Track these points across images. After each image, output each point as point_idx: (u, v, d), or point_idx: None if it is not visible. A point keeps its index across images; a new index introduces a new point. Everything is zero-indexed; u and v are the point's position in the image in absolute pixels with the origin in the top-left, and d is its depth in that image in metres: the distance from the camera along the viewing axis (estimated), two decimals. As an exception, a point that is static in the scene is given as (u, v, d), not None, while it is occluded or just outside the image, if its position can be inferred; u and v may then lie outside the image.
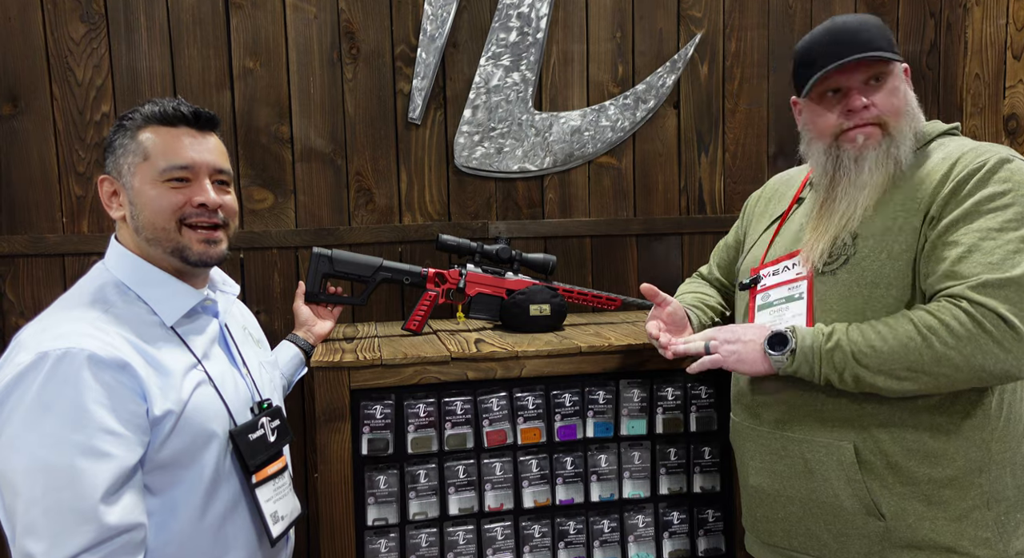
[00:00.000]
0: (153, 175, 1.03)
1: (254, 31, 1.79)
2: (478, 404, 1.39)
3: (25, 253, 1.72)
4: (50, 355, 0.90)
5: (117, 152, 1.05)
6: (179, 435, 0.98)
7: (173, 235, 1.04)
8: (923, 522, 1.09)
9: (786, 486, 1.18)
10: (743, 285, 1.29)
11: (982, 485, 1.09)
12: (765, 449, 1.21)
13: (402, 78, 1.85)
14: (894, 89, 1.14)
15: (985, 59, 1.90)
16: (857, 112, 1.14)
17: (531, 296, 1.59)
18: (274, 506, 1.11)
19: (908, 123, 1.14)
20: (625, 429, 1.44)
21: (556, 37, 1.91)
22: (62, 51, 1.72)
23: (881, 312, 1.10)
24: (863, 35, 1.13)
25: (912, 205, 1.11)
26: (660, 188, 1.99)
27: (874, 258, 1.11)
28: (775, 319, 1.20)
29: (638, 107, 1.95)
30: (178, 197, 1.03)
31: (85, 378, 0.90)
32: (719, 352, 1.17)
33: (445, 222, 1.89)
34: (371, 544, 1.36)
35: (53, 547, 0.86)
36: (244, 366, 1.15)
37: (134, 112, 1.06)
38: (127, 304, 1.02)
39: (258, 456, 1.08)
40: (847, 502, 1.12)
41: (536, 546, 1.42)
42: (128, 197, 1.04)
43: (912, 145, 1.14)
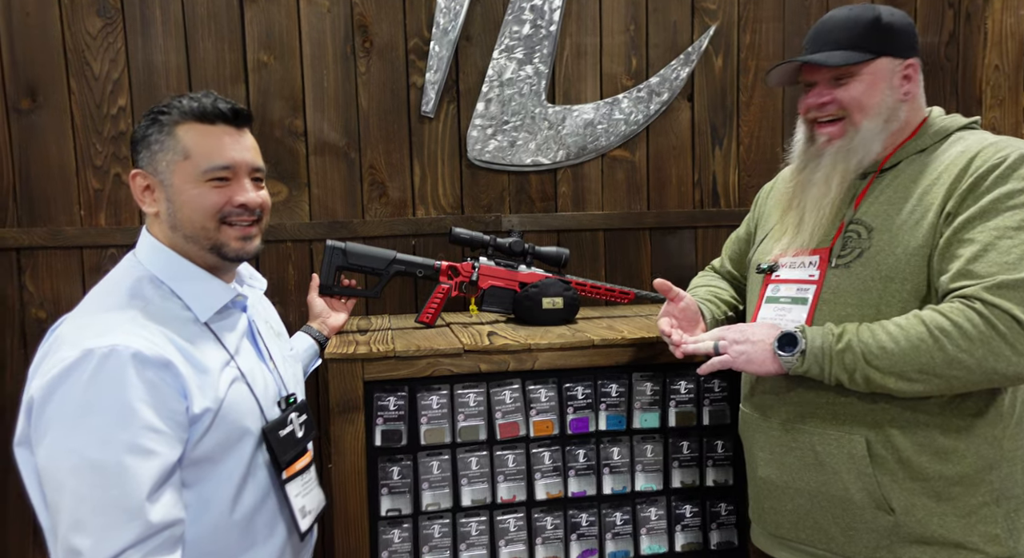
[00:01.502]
0: (195, 174, 1.02)
1: (268, 25, 1.80)
2: (491, 396, 1.39)
3: (44, 245, 1.75)
4: (95, 352, 0.89)
5: (153, 148, 1.03)
6: (215, 432, 0.98)
7: (212, 233, 1.04)
8: (932, 517, 1.09)
9: (795, 478, 1.18)
10: (760, 269, 1.28)
11: (992, 482, 1.08)
12: (774, 441, 1.21)
13: (415, 71, 1.85)
14: (864, 86, 1.14)
15: (1005, 50, 1.88)
16: (817, 108, 1.19)
17: (544, 289, 1.59)
18: (302, 501, 1.11)
19: (876, 120, 1.14)
20: (638, 422, 1.44)
21: (569, 30, 1.90)
22: (79, 45, 1.73)
23: (896, 306, 1.09)
24: (843, 31, 1.15)
25: (929, 199, 1.10)
26: (674, 181, 1.99)
27: (889, 252, 1.10)
28: (777, 317, 1.21)
29: (652, 100, 1.94)
30: (220, 197, 1.03)
31: (130, 376, 0.90)
32: (728, 352, 1.16)
33: (458, 215, 1.89)
34: (385, 534, 1.37)
35: (99, 543, 0.87)
36: (271, 360, 1.15)
37: (169, 107, 1.04)
38: (162, 299, 1.02)
39: (288, 452, 1.09)
40: (856, 496, 1.12)
41: (548, 538, 1.42)
42: (166, 194, 1.03)
43: (880, 144, 1.15)
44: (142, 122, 1.06)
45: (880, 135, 1.15)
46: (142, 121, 1.06)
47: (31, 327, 1.76)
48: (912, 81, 1.16)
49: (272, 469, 1.08)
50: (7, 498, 1.76)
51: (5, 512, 1.76)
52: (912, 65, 1.17)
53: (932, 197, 1.09)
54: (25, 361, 1.76)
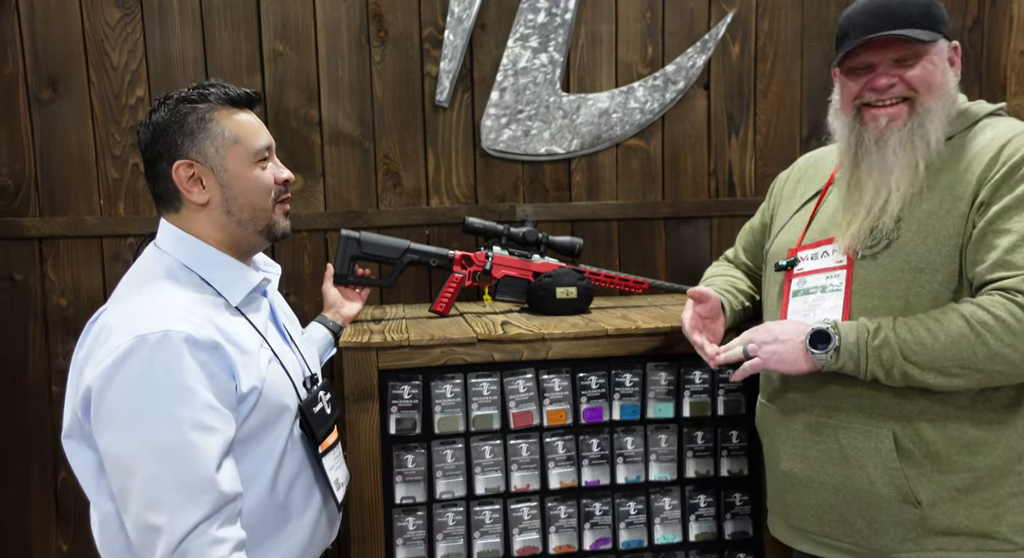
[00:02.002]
0: (248, 157, 1.06)
1: (284, 14, 1.80)
2: (504, 386, 1.39)
3: (65, 235, 1.77)
4: (148, 338, 0.92)
5: (197, 136, 1.03)
6: (259, 410, 1.01)
7: (268, 213, 1.08)
8: (959, 509, 1.08)
9: (819, 472, 1.17)
10: (779, 266, 1.25)
11: (1021, 473, 1.08)
12: (797, 435, 1.20)
13: (430, 60, 1.85)
14: (929, 67, 1.10)
15: (1031, 35, 1.84)
16: (881, 91, 1.12)
17: (558, 279, 1.58)
18: (336, 474, 1.15)
19: (942, 102, 1.10)
20: (652, 412, 1.44)
21: (585, 17, 1.89)
22: (98, 36, 1.75)
23: (925, 298, 1.07)
24: (902, 11, 1.09)
25: (959, 189, 1.07)
26: (689, 171, 1.97)
27: (919, 242, 1.08)
28: (810, 309, 1.18)
29: (667, 89, 1.92)
30: (270, 174, 1.09)
31: (185, 359, 0.92)
32: (759, 355, 1.13)
33: (472, 205, 1.89)
34: (399, 522, 1.38)
35: (176, 518, 0.90)
36: (293, 342, 1.19)
37: (201, 95, 1.05)
38: (196, 286, 1.04)
39: (321, 427, 1.12)
40: (883, 490, 1.11)
41: (562, 527, 1.43)
42: (219, 180, 1.05)
43: (944, 127, 1.11)
44: (162, 112, 1.05)
45: (945, 118, 1.11)
46: (160, 112, 1.05)
47: (53, 315, 1.79)
48: (955, 65, 1.14)
49: (307, 444, 1.11)
50: (29, 485, 1.80)
51: (28, 498, 1.80)
52: (957, 48, 1.14)
53: (963, 186, 1.07)
54: (47, 349, 1.79)
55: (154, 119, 1.05)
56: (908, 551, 1.11)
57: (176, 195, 1.06)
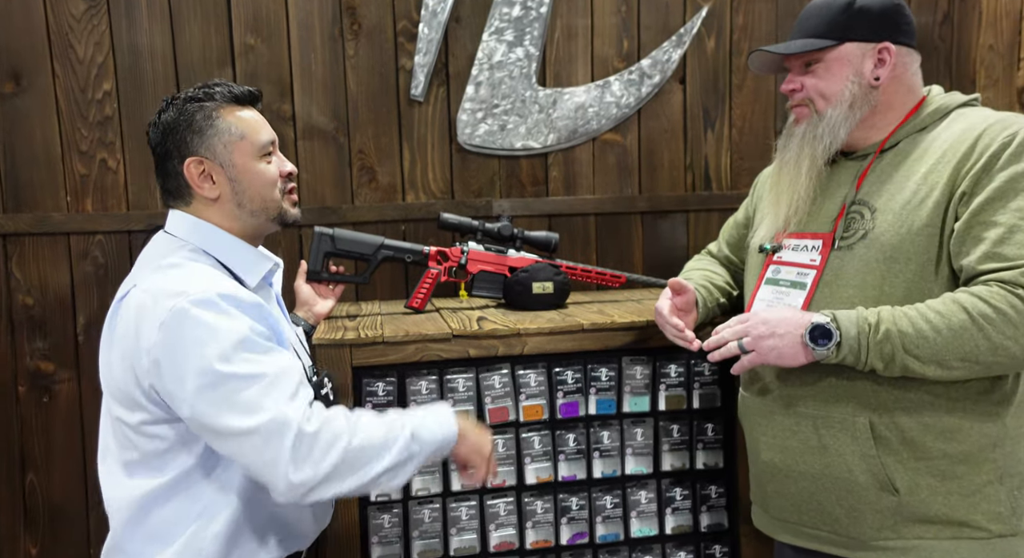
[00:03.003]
0: (254, 152, 1.10)
1: (254, 7, 1.77)
2: (480, 381, 1.39)
3: (30, 232, 1.73)
4: (198, 298, 0.97)
5: (206, 133, 1.08)
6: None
7: (278, 202, 1.13)
8: (936, 496, 1.09)
9: (798, 462, 1.18)
10: (763, 248, 1.27)
11: (996, 460, 1.08)
12: (777, 425, 1.20)
13: (404, 54, 1.83)
14: (827, 73, 1.15)
15: (999, 30, 1.86)
16: (787, 93, 1.22)
17: (534, 274, 1.58)
18: None
19: (839, 110, 1.15)
20: (628, 406, 1.44)
21: (560, 11, 1.88)
22: (63, 28, 1.71)
23: (899, 287, 1.08)
24: (814, 17, 1.17)
25: (933, 177, 1.08)
26: (666, 165, 1.97)
27: (893, 232, 1.09)
28: (775, 299, 1.21)
29: (643, 83, 1.92)
30: (275, 169, 1.13)
31: (238, 312, 1.00)
32: (757, 349, 1.11)
33: (448, 200, 1.88)
34: (374, 519, 1.37)
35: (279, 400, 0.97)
36: (294, 332, 1.22)
37: (206, 94, 1.09)
38: (214, 266, 1.08)
39: None
40: (860, 477, 1.12)
41: (539, 522, 1.43)
42: (229, 174, 1.09)
43: (843, 131, 1.16)
44: (170, 112, 1.09)
45: (845, 122, 1.15)
46: (169, 111, 1.09)
47: (19, 314, 1.75)
48: (885, 65, 1.14)
49: None
50: (-1, 485, 1.76)
51: (-3, 499, 1.76)
52: (885, 48, 1.14)
53: (937, 175, 1.08)
54: (13, 349, 1.75)
55: (163, 119, 1.09)
56: (886, 539, 1.12)
57: (188, 190, 1.10)
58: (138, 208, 1.77)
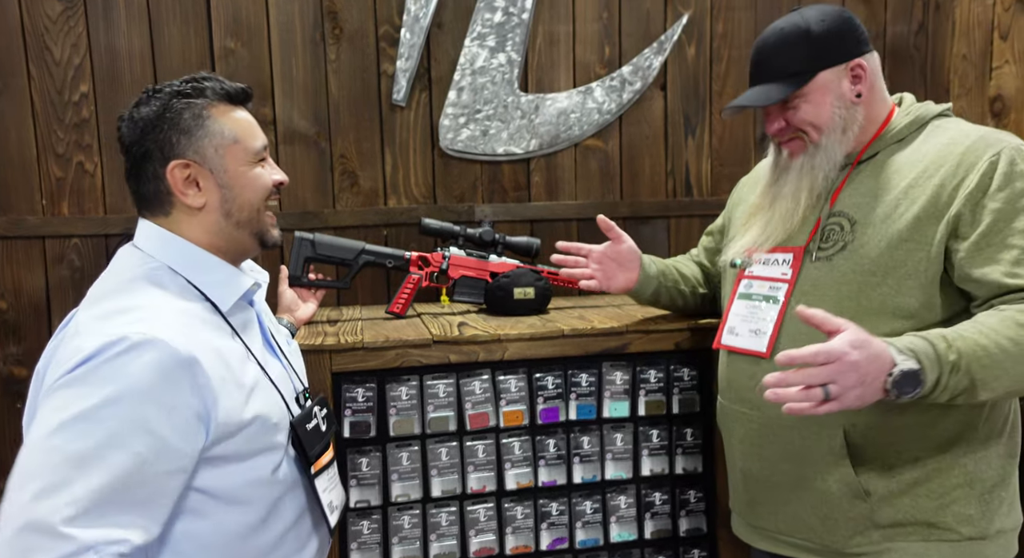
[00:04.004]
0: (247, 157, 1.00)
1: (235, 10, 1.76)
2: (460, 387, 1.39)
3: (4, 235, 1.71)
4: (116, 344, 0.83)
5: (195, 134, 0.96)
6: (244, 429, 0.92)
7: (260, 216, 1.02)
8: (905, 499, 1.10)
9: (774, 471, 1.18)
10: (733, 263, 1.28)
11: (966, 465, 1.10)
12: (753, 433, 1.20)
13: (386, 59, 1.83)
14: (812, 106, 1.14)
15: (972, 40, 1.89)
16: (774, 134, 1.21)
17: (515, 279, 1.58)
18: (330, 496, 1.06)
19: (834, 136, 1.15)
20: (608, 411, 1.44)
21: (542, 17, 1.89)
22: (38, 30, 1.69)
23: (875, 301, 1.08)
24: (774, 61, 1.16)
25: (915, 193, 1.08)
26: (647, 171, 1.98)
27: (873, 245, 1.09)
28: (749, 314, 1.21)
29: (625, 89, 1.93)
30: (269, 177, 1.03)
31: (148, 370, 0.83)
32: (842, 399, 0.94)
33: (431, 205, 1.88)
34: (353, 526, 1.36)
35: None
36: (282, 354, 1.10)
37: (196, 90, 0.98)
38: (181, 290, 0.96)
39: (315, 446, 1.03)
40: (834, 487, 1.12)
41: (519, 527, 1.43)
42: (219, 180, 0.98)
43: (841, 152, 1.15)
44: (151, 106, 0.96)
45: (841, 145, 1.16)
46: (150, 105, 0.96)
47: (-8, 319, 1.72)
48: (863, 80, 1.15)
49: (299, 465, 1.02)
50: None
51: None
52: (858, 65, 1.15)
53: (919, 190, 1.08)
54: (-13, 354, 1.72)
55: (142, 113, 0.96)
56: (858, 546, 1.12)
57: (168, 197, 0.97)
58: (115, 212, 1.75)
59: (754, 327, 1.19)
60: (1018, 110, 1.77)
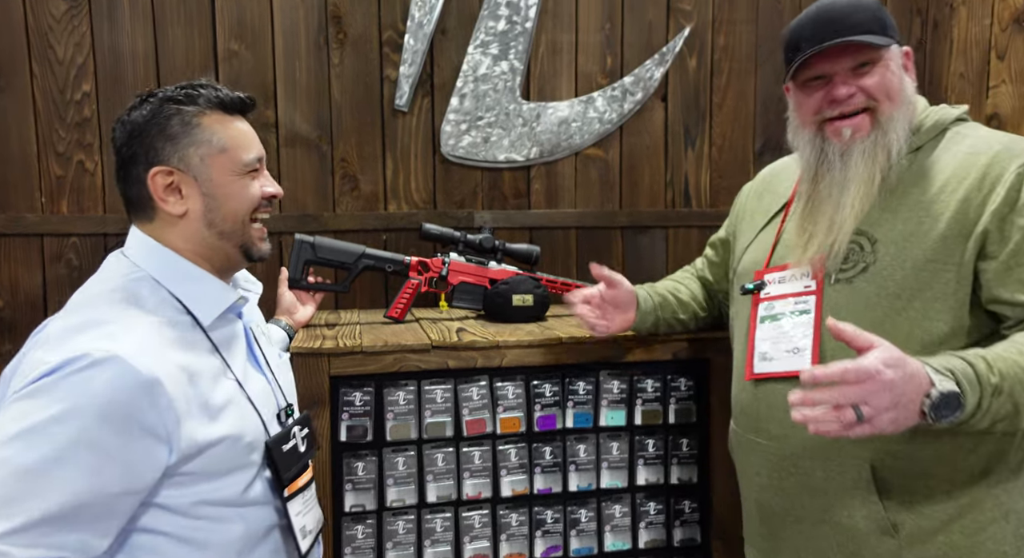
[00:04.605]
0: (236, 168, 0.97)
1: (240, 12, 1.77)
2: (458, 393, 1.39)
3: (3, 233, 1.70)
4: (76, 361, 0.82)
5: (180, 141, 0.95)
6: (211, 448, 0.91)
7: (246, 228, 1.00)
8: (937, 536, 1.03)
9: (795, 504, 1.11)
10: (745, 290, 1.19)
11: (999, 496, 1.03)
12: (772, 465, 1.13)
13: (389, 64, 1.84)
14: (887, 74, 1.05)
15: (969, 58, 1.91)
16: (841, 102, 1.06)
17: (514, 286, 1.59)
18: (303, 519, 1.04)
19: (903, 109, 1.05)
20: (604, 420, 1.45)
21: (545, 27, 1.90)
22: (42, 28, 1.69)
23: (902, 326, 1.01)
24: (851, 18, 1.04)
25: (937, 208, 1.01)
26: (646, 181, 2.00)
27: (897, 267, 1.02)
28: (779, 335, 1.12)
29: (626, 99, 1.94)
30: (258, 187, 1.00)
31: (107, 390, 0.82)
32: (875, 423, 0.87)
33: (430, 210, 1.88)
34: (348, 530, 1.36)
35: None
36: (268, 370, 1.08)
37: (188, 97, 0.96)
38: (159, 304, 0.94)
39: (291, 469, 1.01)
40: (861, 523, 1.05)
41: (513, 535, 1.43)
42: (203, 189, 0.96)
43: (907, 135, 1.05)
44: (142, 110, 0.96)
45: (907, 126, 1.06)
46: (141, 109, 0.96)
47: (-12, 317, 1.71)
48: (911, 71, 1.09)
49: (273, 487, 1.00)
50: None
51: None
52: (909, 53, 1.10)
53: (942, 206, 1.01)
54: (-19, 351, 1.71)
55: (132, 116, 0.96)
56: None
57: (150, 203, 0.97)
58: (115, 211, 1.75)
59: (789, 346, 1.10)
60: (1015, 128, 1.78)
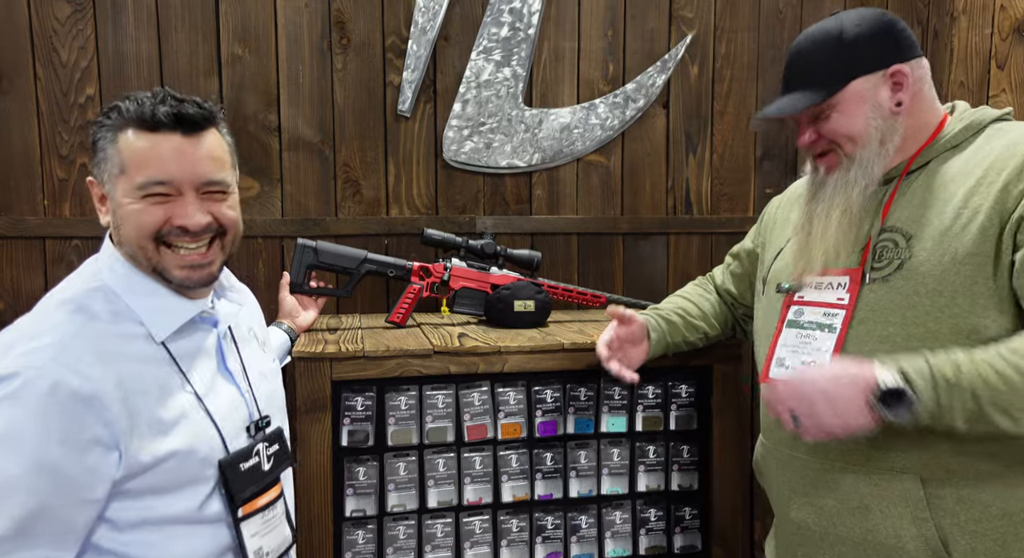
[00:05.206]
0: (131, 190, 0.91)
1: (243, 17, 1.77)
2: (459, 398, 1.39)
3: (5, 235, 1.70)
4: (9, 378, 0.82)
5: (99, 155, 0.94)
6: (159, 464, 0.89)
7: (152, 254, 0.94)
8: None
9: (835, 524, 1.05)
10: (781, 288, 1.17)
11: None
12: (809, 481, 1.08)
13: (392, 70, 1.84)
14: (843, 116, 1.06)
15: (970, 68, 1.93)
16: (806, 146, 1.12)
17: (516, 292, 1.59)
18: (260, 541, 1.00)
19: (868, 148, 1.06)
20: (605, 426, 1.45)
21: (548, 33, 1.91)
22: (47, 31, 1.69)
23: (946, 324, 0.97)
24: (809, 64, 1.08)
25: (976, 201, 0.97)
26: (647, 187, 2.00)
27: (935, 262, 0.98)
28: (800, 344, 1.10)
29: (628, 106, 1.95)
30: (157, 214, 0.92)
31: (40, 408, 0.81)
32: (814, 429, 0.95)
33: (432, 216, 1.89)
34: (349, 535, 1.36)
35: None
36: (246, 380, 1.05)
37: (115, 108, 0.93)
38: (112, 316, 0.92)
39: (247, 488, 0.98)
40: (910, 544, 0.99)
41: (514, 540, 1.42)
42: (111, 206, 0.94)
43: (880, 166, 1.06)
44: (95, 124, 0.95)
45: (879, 159, 1.06)
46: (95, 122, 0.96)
47: (-11, 319, 1.71)
48: (904, 87, 1.05)
49: (229, 508, 0.97)
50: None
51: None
52: (898, 71, 1.05)
53: (980, 198, 0.97)
54: (-18, 354, 1.71)
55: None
56: None
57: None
58: (117, 214, 1.75)
59: (807, 359, 1.08)
60: (1014, 138, 1.79)
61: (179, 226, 0.93)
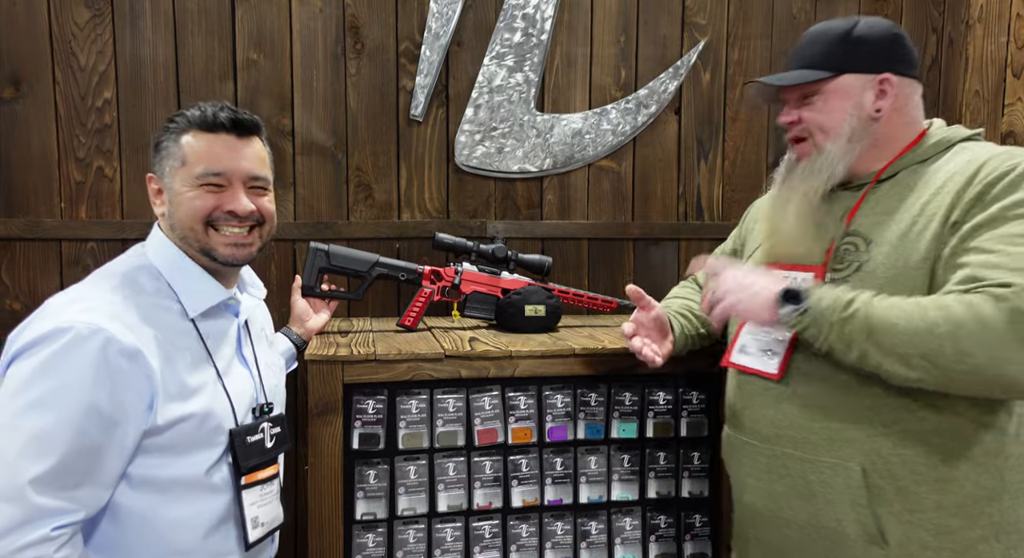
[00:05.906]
0: (189, 179, 1.08)
1: (259, 22, 1.79)
2: (470, 402, 1.39)
3: (22, 237, 1.72)
4: (67, 330, 0.93)
5: (162, 153, 1.11)
6: (179, 423, 1.01)
7: (201, 235, 1.09)
8: (927, 552, 1.03)
9: (783, 507, 1.12)
10: None
11: (992, 515, 1.03)
12: (762, 467, 1.15)
13: (405, 75, 1.85)
14: (826, 106, 1.12)
15: (985, 76, 1.92)
16: (785, 125, 1.19)
17: (527, 296, 1.59)
18: (256, 511, 1.11)
19: (839, 144, 1.12)
20: (616, 432, 1.45)
21: (560, 39, 1.92)
22: (66, 36, 1.71)
23: None
24: (810, 48, 1.15)
25: (931, 209, 1.04)
26: (659, 193, 2.00)
27: (890, 265, 1.04)
28: (763, 333, 1.17)
29: (639, 112, 1.95)
30: (209, 201, 1.09)
31: (93, 359, 0.93)
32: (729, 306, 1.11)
33: (444, 220, 1.89)
34: (359, 538, 1.36)
35: None
36: (256, 367, 1.18)
37: (180, 115, 1.11)
38: (155, 291, 1.07)
39: (252, 459, 1.10)
40: (850, 528, 1.06)
41: (523, 546, 1.42)
42: (168, 197, 1.10)
43: (843, 166, 1.12)
44: (159, 129, 1.13)
45: (844, 156, 1.12)
46: (159, 128, 1.13)
47: (6, 319, 1.73)
48: (887, 96, 1.11)
49: (234, 474, 1.09)
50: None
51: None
52: (886, 80, 1.10)
53: (935, 206, 1.03)
54: (-2, 353, 1.73)
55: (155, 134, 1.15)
56: None
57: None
58: (133, 217, 1.77)
59: (766, 347, 1.16)
60: (1029, 146, 1.78)
61: (229, 211, 1.10)
